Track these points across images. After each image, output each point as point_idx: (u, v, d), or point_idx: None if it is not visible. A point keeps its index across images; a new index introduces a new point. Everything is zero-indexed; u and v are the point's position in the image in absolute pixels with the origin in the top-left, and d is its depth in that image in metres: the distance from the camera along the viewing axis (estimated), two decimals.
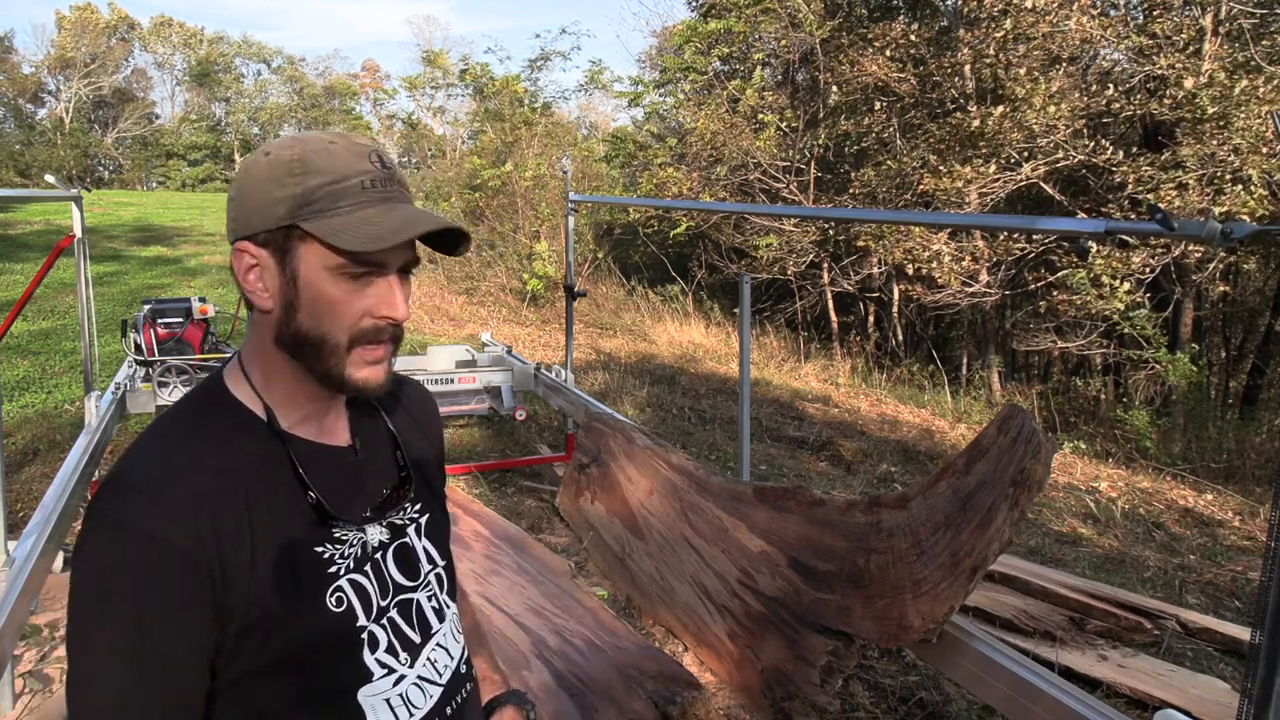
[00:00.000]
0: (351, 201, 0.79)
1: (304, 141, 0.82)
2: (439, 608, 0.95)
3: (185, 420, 0.83)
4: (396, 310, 0.83)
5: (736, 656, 2.43)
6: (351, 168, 0.80)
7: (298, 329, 0.82)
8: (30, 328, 7.89)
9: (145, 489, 0.75)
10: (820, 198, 11.21)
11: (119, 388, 3.83)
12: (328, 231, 0.78)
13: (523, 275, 12.15)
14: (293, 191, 0.79)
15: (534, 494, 4.33)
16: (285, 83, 46.10)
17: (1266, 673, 1.25)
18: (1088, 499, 4.85)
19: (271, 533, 0.79)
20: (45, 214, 15.82)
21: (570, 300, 4.50)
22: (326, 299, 0.81)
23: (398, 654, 0.87)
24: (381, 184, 0.81)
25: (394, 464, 0.96)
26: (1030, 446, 1.71)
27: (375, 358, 0.84)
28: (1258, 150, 6.57)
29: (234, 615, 0.76)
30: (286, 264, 0.81)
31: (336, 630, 0.82)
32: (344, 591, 0.83)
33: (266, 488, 0.81)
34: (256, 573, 0.77)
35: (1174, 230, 1.45)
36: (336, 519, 0.84)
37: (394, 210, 0.81)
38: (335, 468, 0.88)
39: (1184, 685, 2.56)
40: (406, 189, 0.85)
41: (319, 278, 0.80)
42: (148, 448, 0.80)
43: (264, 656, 0.77)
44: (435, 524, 0.98)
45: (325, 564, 0.83)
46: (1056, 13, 7.59)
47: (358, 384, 0.84)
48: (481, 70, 18.48)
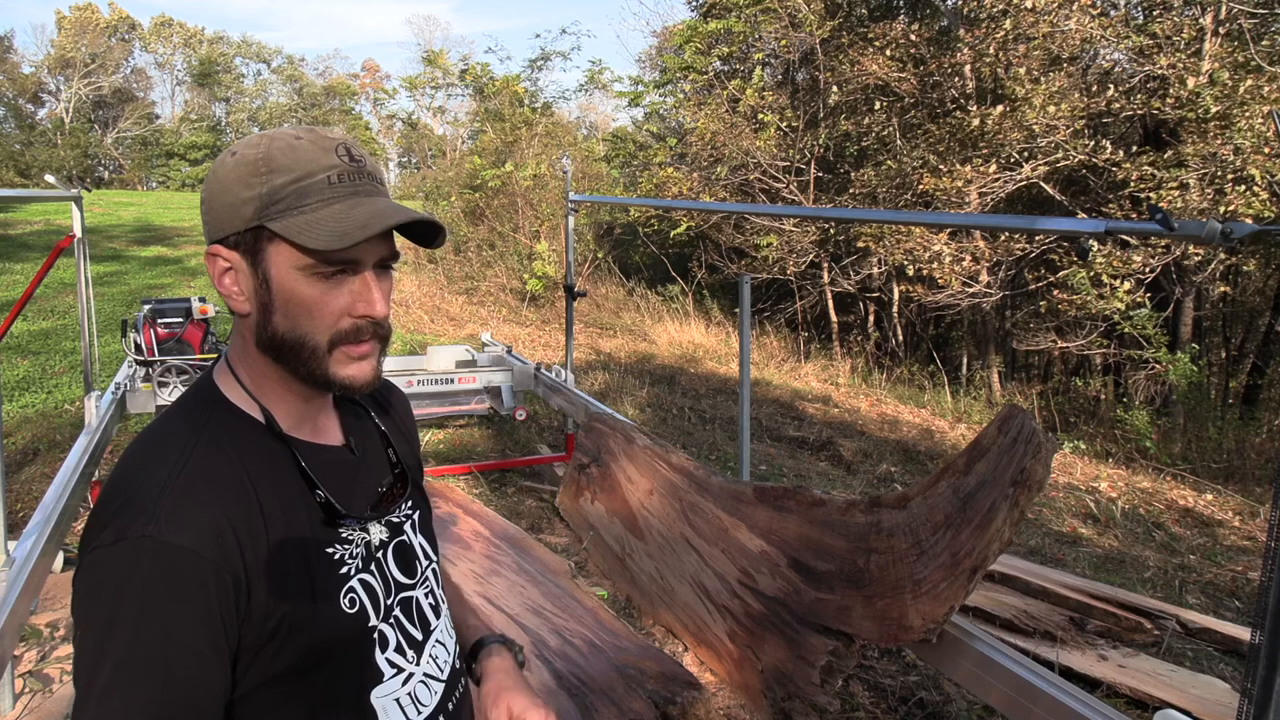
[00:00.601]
0: (318, 198, 0.77)
1: (270, 139, 0.79)
2: (435, 604, 0.95)
3: (181, 425, 0.81)
4: (374, 308, 0.80)
5: (736, 656, 2.43)
6: (317, 163, 0.78)
7: (275, 332, 0.80)
8: (30, 328, 7.89)
9: (163, 501, 0.72)
10: (820, 198, 11.21)
11: (119, 388, 3.83)
12: (294, 230, 0.76)
13: (523, 275, 12.15)
14: (258, 191, 0.77)
15: (534, 494, 4.33)
16: (285, 83, 46.12)
17: (1266, 673, 1.25)
18: (1088, 499, 4.85)
19: (285, 536, 0.78)
20: (45, 214, 15.83)
21: (570, 300, 4.50)
22: (301, 300, 0.78)
23: (405, 653, 0.87)
24: (349, 178, 0.79)
25: (386, 462, 0.95)
26: (1030, 446, 1.71)
27: (359, 354, 0.82)
28: (1260, 150, 6.57)
29: (255, 622, 0.74)
30: (258, 266, 0.79)
31: (351, 631, 0.81)
32: (356, 592, 0.83)
33: (275, 491, 0.79)
34: (275, 578, 0.76)
35: (1174, 230, 1.45)
36: (345, 518, 0.83)
37: (361, 205, 0.78)
38: (335, 468, 0.87)
39: (1184, 685, 2.56)
40: (378, 181, 0.82)
41: (291, 279, 0.78)
42: (153, 459, 0.77)
43: (282, 662, 0.76)
44: (425, 519, 0.98)
45: (337, 565, 0.82)
46: (1056, 13, 7.59)
47: (344, 382, 0.82)
48: (482, 70, 18.51)
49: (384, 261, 0.82)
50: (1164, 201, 6.85)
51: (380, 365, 0.85)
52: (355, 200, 0.78)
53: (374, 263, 0.80)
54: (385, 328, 0.83)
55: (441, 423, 5.47)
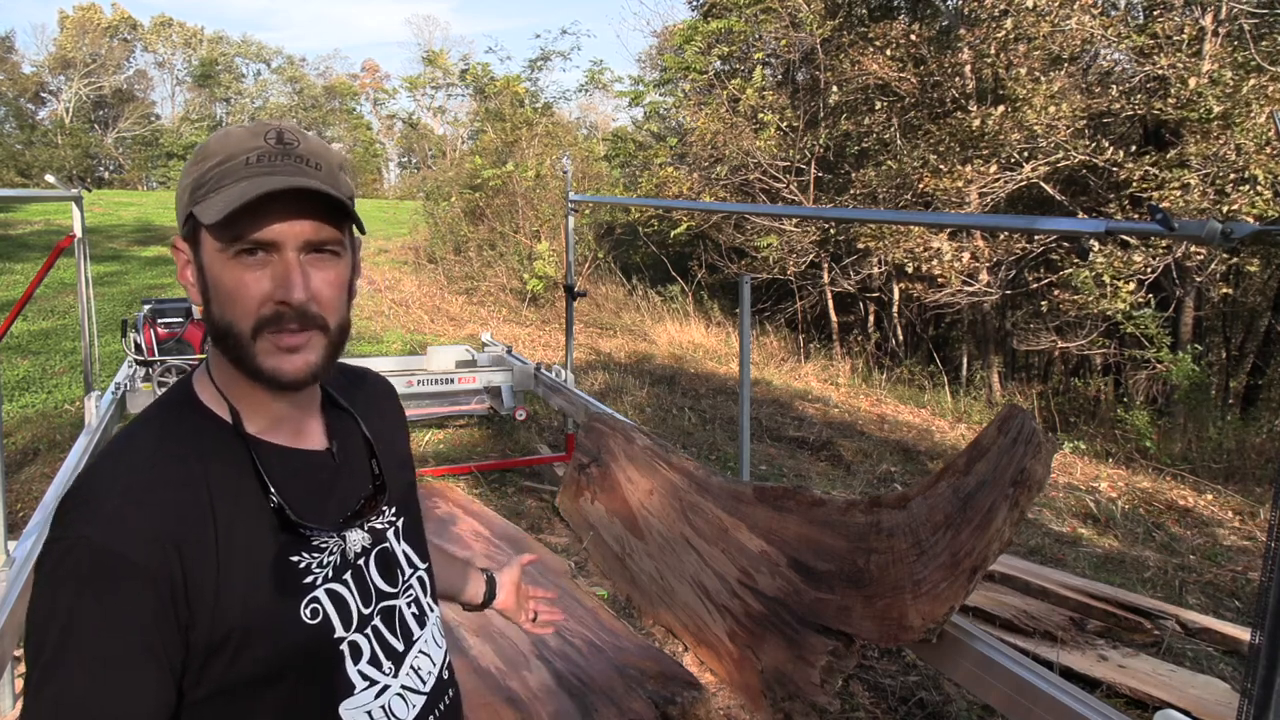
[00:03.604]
0: (233, 179, 0.76)
1: (218, 131, 0.81)
2: (419, 613, 0.92)
3: (151, 429, 0.80)
4: (290, 293, 0.75)
5: (736, 656, 2.43)
6: (241, 145, 0.77)
7: (213, 321, 0.79)
8: (30, 328, 7.90)
9: (105, 502, 0.72)
10: (820, 198, 11.21)
11: (119, 388, 3.83)
12: (201, 211, 0.75)
13: (523, 275, 12.14)
14: (192, 178, 0.78)
15: (534, 494, 4.33)
16: (285, 83, 46.11)
17: (1266, 673, 1.25)
18: (1088, 499, 4.85)
19: (242, 544, 0.76)
20: (45, 214, 15.83)
21: (570, 300, 4.50)
22: (223, 285, 0.77)
23: (381, 664, 0.85)
24: (269, 159, 0.76)
25: (369, 472, 0.92)
26: (1030, 446, 1.71)
27: (286, 345, 0.77)
28: (1263, 150, 6.57)
29: (200, 632, 0.73)
30: (198, 255, 0.79)
31: (312, 643, 0.79)
32: (319, 602, 0.80)
33: (235, 496, 0.77)
34: (224, 587, 0.74)
35: (1174, 230, 1.45)
36: (301, 525, 0.79)
37: (261, 181, 0.75)
38: (309, 472, 0.84)
39: (1184, 685, 2.56)
40: (308, 164, 0.78)
41: (217, 264, 0.77)
42: (113, 459, 0.77)
43: (237, 673, 0.75)
44: (411, 525, 0.96)
45: (300, 574, 0.80)
46: (1057, 12, 7.59)
47: (270, 374, 0.77)
48: (483, 70, 18.52)
49: (316, 245, 0.78)
50: (1166, 202, 6.84)
51: (321, 360, 0.80)
52: (262, 179, 0.75)
53: (297, 245, 0.76)
54: (318, 318, 0.78)
55: (441, 423, 5.47)
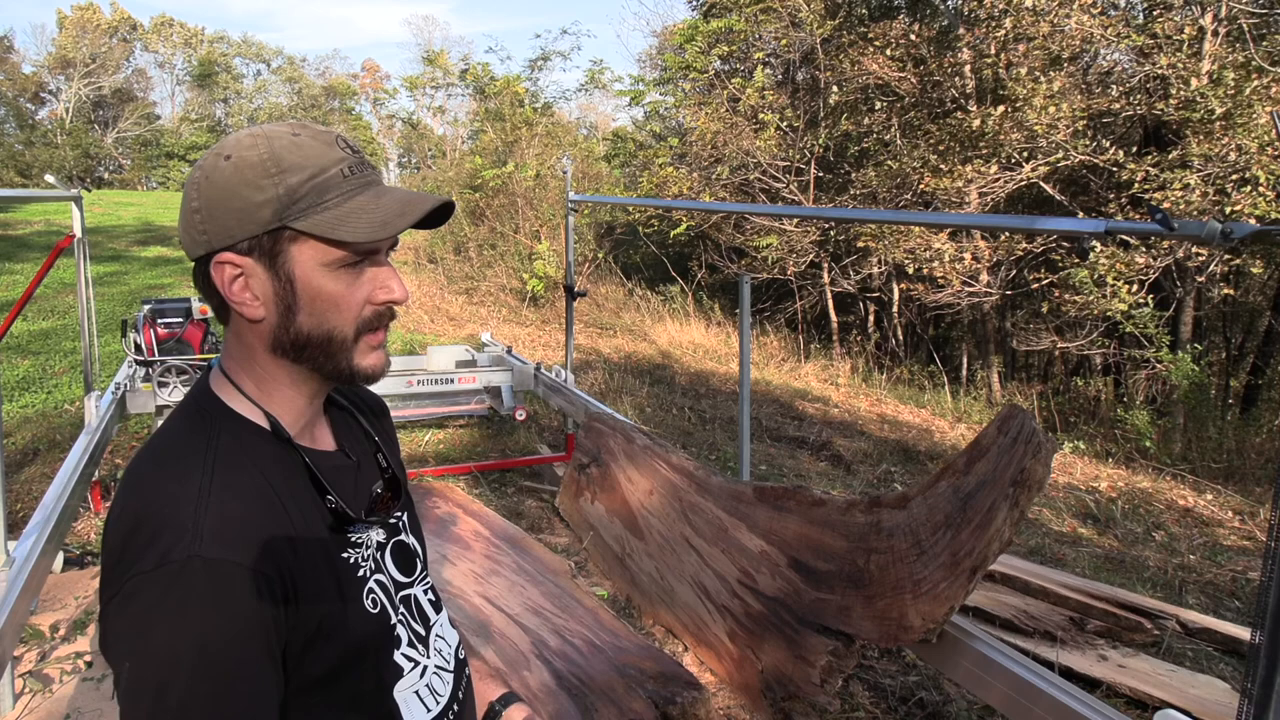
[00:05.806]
0: (336, 193, 0.78)
1: (267, 138, 0.78)
2: (435, 600, 0.97)
3: (197, 441, 0.78)
4: (395, 292, 0.83)
5: (736, 656, 2.43)
6: (326, 158, 0.78)
7: (299, 331, 0.80)
8: (30, 328, 7.90)
9: (197, 519, 0.71)
10: (820, 198, 11.21)
11: (119, 388, 3.83)
12: (325, 227, 0.77)
13: (523, 275, 12.15)
14: (274, 193, 0.76)
15: (534, 494, 4.33)
16: (285, 83, 46.11)
17: (1266, 673, 1.25)
18: (1088, 499, 4.85)
19: (308, 543, 0.79)
20: (45, 214, 15.84)
21: (570, 300, 4.50)
22: (328, 295, 0.79)
23: (416, 647, 0.89)
24: (357, 169, 0.80)
25: (377, 466, 0.95)
26: (1030, 446, 1.71)
27: (378, 342, 0.84)
28: (1264, 151, 6.56)
29: (299, 629, 0.75)
30: (279, 268, 0.78)
31: (376, 631, 0.83)
32: (375, 593, 0.84)
33: (294, 499, 0.79)
34: (309, 584, 0.76)
35: (1174, 230, 1.45)
36: (355, 522, 0.84)
37: (383, 195, 0.80)
38: (340, 473, 0.87)
39: (1184, 685, 2.56)
40: (375, 168, 0.85)
41: (317, 275, 0.79)
42: (172, 477, 0.75)
43: (319, 666, 0.77)
44: (413, 519, 1.00)
45: (354, 568, 0.83)
46: (1057, 12, 7.59)
47: (366, 372, 0.84)
48: (483, 70, 18.50)
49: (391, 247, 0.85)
50: (1167, 203, 6.84)
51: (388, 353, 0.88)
52: (374, 191, 0.80)
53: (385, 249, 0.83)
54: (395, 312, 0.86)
55: (441, 423, 5.47)
